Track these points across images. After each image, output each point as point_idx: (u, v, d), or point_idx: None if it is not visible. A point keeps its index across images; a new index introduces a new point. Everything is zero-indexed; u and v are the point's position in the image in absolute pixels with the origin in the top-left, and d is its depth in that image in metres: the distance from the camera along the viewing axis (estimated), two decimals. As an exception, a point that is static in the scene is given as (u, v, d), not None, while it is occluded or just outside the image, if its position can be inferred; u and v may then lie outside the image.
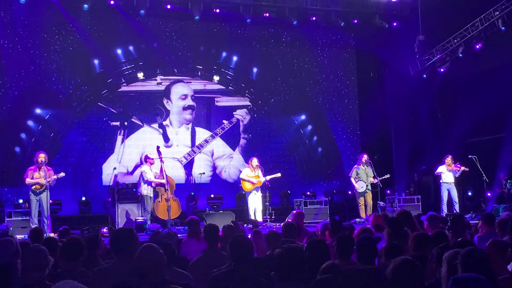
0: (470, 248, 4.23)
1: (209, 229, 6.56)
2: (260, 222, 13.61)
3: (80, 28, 16.24)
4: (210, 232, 6.47)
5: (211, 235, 6.43)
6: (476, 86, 15.74)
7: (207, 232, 6.50)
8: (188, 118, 17.72)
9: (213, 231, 6.49)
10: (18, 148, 15.72)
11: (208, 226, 6.72)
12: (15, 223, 12.78)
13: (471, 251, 4.12)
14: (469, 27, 15.69)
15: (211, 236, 6.42)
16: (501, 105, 15.05)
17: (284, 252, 4.27)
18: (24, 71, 15.91)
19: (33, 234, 7.95)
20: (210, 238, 6.41)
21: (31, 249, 4.96)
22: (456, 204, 14.83)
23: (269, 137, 18.62)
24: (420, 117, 17.18)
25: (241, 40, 18.02)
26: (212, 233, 6.46)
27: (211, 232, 6.47)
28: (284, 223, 7.80)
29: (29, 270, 4.64)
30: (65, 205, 15.31)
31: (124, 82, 17.13)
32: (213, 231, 6.50)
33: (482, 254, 4.16)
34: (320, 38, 18.83)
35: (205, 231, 6.57)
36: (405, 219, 6.78)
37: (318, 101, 19.09)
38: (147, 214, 13.40)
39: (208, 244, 6.39)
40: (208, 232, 6.50)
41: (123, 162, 16.86)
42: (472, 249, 4.20)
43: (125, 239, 5.15)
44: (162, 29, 17.39)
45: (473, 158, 14.58)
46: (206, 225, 7.15)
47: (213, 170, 17.84)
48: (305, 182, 18.64)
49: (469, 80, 16.17)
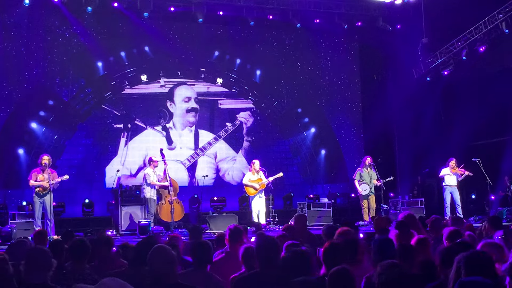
0: (474, 251, 4.22)
1: (198, 247, 5.38)
2: (263, 225, 13.59)
3: (84, 30, 16.27)
4: (198, 251, 5.33)
5: (199, 254, 5.29)
6: (480, 89, 15.72)
7: (194, 250, 5.34)
8: (192, 120, 17.72)
9: (203, 250, 5.33)
10: (22, 150, 15.73)
11: (198, 244, 5.45)
12: (18, 225, 12.77)
13: (475, 254, 4.11)
14: (472, 30, 15.67)
15: (198, 255, 5.30)
16: (505, 108, 15.02)
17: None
18: (27, 74, 15.95)
19: (37, 236, 7.94)
20: (197, 257, 5.29)
21: (35, 250, 4.97)
22: (459, 207, 14.79)
23: (272, 140, 18.62)
24: (424, 119, 17.14)
25: (244, 42, 18.03)
26: (201, 252, 5.32)
27: (200, 250, 5.33)
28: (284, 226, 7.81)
29: (32, 272, 4.64)
30: (69, 208, 15.31)
31: (128, 84, 17.14)
32: (203, 249, 5.34)
33: (487, 257, 4.14)
34: (323, 41, 18.82)
35: (192, 249, 5.37)
36: (411, 222, 6.79)
37: (321, 104, 19.07)
38: (150, 216, 13.39)
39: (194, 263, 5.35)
40: (196, 250, 5.34)
41: (126, 165, 16.86)
42: (476, 252, 4.19)
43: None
44: (166, 31, 17.40)
45: (476, 161, 14.56)
46: (194, 243, 5.78)
47: (216, 173, 17.83)
48: (308, 184, 18.62)
49: (472, 83, 16.14)
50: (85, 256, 5.29)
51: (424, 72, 17.12)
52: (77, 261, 5.26)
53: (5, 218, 13.62)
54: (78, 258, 5.26)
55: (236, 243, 6.23)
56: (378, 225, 7.97)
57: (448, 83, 17.03)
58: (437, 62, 16.73)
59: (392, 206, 15.87)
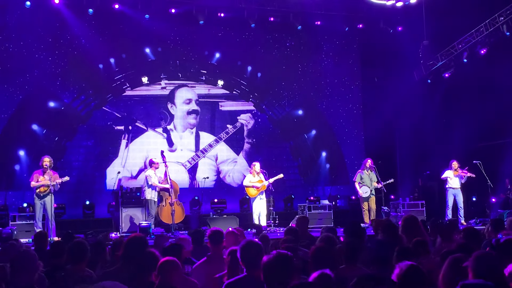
0: (482, 253, 4.20)
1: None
2: (264, 227, 13.60)
3: (85, 32, 16.27)
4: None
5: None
6: (481, 91, 15.71)
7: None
8: (192, 122, 17.73)
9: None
10: (22, 152, 15.74)
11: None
12: (19, 227, 12.80)
13: (482, 255, 4.09)
14: (473, 32, 15.65)
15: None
16: (505, 111, 15.02)
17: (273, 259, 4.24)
18: (29, 75, 15.96)
19: (37, 237, 7.97)
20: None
21: (21, 253, 4.98)
22: (461, 210, 14.77)
23: (273, 142, 18.61)
24: (424, 122, 17.14)
25: (245, 44, 18.03)
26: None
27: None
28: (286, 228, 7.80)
29: (18, 273, 4.65)
30: (69, 209, 15.34)
31: (129, 86, 17.16)
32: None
33: (494, 259, 4.13)
34: (324, 43, 18.81)
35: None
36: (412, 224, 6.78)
37: (322, 106, 19.07)
38: (151, 218, 13.40)
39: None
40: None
41: (127, 166, 16.88)
42: (484, 254, 4.17)
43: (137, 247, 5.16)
44: (167, 33, 17.37)
45: (477, 164, 14.54)
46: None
47: (217, 175, 17.84)
48: (309, 187, 18.63)
49: (473, 85, 16.13)
50: (84, 257, 5.29)
51: (425, 74, 17.09)
52: (76, 262, 5.26)
53: (6, 219, 13.64)
54: (77, 259, 5.26)
55: (216, 246, 6.30)
56: (377, 227, 7.96)
57: (449, 85, 17.01)
58: (438, 64, 16.72)
59: (392, 208, 15.84)
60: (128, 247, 5.27)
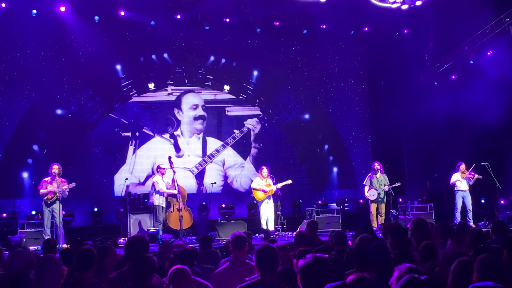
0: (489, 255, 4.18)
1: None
2: (272, 232, 13.57)
3: (91, 39, 16.31)
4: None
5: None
6: (488, 93, 15.64)
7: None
8: (199, 128, 17.75)
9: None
10: (30, 160, 15.80)
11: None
12: (28, 234, 12.85)
13: (489, 258, 4.07)
14: (479, 33, 15.60)
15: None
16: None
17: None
18: (36, 83, 16.03)
19: (46, 245, 7.98)
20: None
21: (45, 259, 4.97)
22: (470, 212, 14.69)
23: (280, 146, 18.59)
24: (432, 124, 17.07)
25: (251, 49, 18.04)
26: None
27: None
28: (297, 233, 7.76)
29: (43, 281, 4.64)
30: (78, 216, 15.38)
31: (135, 92, 17.21)
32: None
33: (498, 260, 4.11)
34: (330, 47, 18.78)
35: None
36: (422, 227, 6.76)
37: (328, 110, 19.05)
38: (159, 224, 13.42)
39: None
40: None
41: (134, 173, 16.91)
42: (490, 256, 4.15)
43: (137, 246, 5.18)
44: (173, 39, 17.43)
45: (485, 166, 14.49)
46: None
47: (224, 180, 17.84)
48: (317, 190, 18.58)
49: (480, 87, 16.07)
50: (91, 265, 5.28)
51: (432, 76, 17.06)
52: (84, 270, 5.25)
53: (15, 227, 13.69)
54: (85, 267, 5.25)
55: (239, 251, 6.11)
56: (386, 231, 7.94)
57: (455, 87, 16.95)
58: (445, 66, 16.68)
59: (401, 211, 15.80)
60: (129, 247, 5.28)
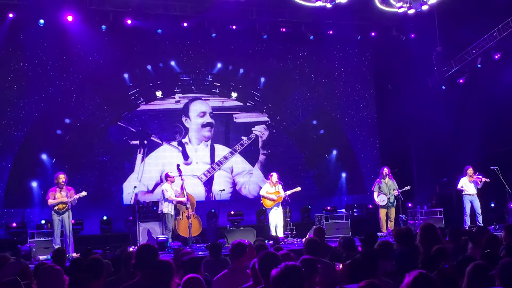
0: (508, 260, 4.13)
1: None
2: (281, 238, 13.55)
3: (99, 48, 16.39)
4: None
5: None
6: (496, 96, 15.59)
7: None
8: (207, 135, 17.76)
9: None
10: (39, 169, 15.85)
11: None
12: (37, 243, 12.83)
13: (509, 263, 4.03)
14: (486, 37, 15.57)
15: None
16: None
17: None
18: (44, 93, 16.11)
19: (56, 254, 7.98)
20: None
21: (46, 269, 4.98)
22: (479, 216, 14.66)
23: (288, 152, 18.56)
24: (440, 128, 17.01)
25: (258, 56, 18.06)
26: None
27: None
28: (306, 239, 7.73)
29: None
30: (87, 225, 15.37)
31: (143, 101, 17.24)
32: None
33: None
34: (337, 52, 18.80)
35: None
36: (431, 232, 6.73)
37: (336, 115, 19.02)
38: (168, 232, 13.42)
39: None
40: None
41: (143, 181, 16.91)
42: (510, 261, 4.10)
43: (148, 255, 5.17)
44: (180, 47, 17.49)
45: (495, 169, 14.43)
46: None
47: (233, 187, 17.82)
48: (326, 196, 18.53)
49: (488, 91, 16.02)
50: (100, 274, 5.27)
51: (439, 80, 17.02)
52: (93, 279, 5.25)
53: (24, 237, 13.68)
54: (94, 276, 5.24)
55: (238, 259, 6.23)
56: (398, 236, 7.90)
57: (463, 91, 16.90)
58: (452, 70, 16.64)
59: (410, 216, 15.75)
60: (139, 255, 5.29)
